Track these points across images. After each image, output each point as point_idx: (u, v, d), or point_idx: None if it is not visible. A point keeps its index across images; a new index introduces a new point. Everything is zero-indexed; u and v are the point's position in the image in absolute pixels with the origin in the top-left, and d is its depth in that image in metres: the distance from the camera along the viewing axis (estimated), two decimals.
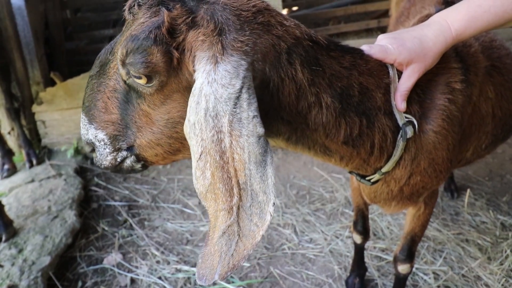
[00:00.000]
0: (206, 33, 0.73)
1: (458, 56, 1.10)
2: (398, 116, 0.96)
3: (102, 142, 0.89)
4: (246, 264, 2.09)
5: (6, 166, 2.79)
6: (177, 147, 0.87)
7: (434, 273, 1.96)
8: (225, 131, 0.72)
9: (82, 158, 3.11)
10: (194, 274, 2.01)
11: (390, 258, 2.05)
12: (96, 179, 2.86)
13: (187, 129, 0.75)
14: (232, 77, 0.72)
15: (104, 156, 0.91)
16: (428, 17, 1.20)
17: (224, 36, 0.73)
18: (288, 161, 3.04)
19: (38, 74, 3.06)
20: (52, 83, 3.12)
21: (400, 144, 0.99)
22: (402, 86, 0.95)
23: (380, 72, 0.95)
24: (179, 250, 2.22)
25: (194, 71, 0.75)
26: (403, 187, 1.13)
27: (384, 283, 1.93)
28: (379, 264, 2.04)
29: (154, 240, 2.29)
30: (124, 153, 0.90)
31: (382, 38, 0.98)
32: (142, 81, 0.77)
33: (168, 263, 2.11)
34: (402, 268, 1.53)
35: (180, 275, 2.01)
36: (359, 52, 0.95)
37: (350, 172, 1.15)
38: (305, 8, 5.11)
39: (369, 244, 2.14)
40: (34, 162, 2.88)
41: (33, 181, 2.67)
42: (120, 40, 0.80)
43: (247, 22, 0.75)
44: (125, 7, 0.82)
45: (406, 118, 0.98)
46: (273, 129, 0.89)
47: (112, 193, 2.74)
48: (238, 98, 0.72)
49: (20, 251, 1.98)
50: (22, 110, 3.06)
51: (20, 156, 2.98)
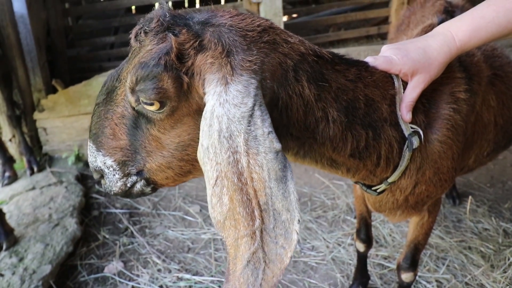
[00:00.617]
0: (215, 55, 0.73)
1: (461, 65, 1.11)
2: (404, 126, 0.96)
3: (111, 169, 0.89)
4: None
5: (7, 174, 2.78)
6: (188, 169, 0.86)
7: (437, 281, 1.95)
8: (241, 151, 0.70)
9: (83, 165, 3.11)
10: (196, 283, 2.00)
11: (393, 266, 2.04)
12: (97, 187, 2.86)
13: (201, 154, 0.73)
14: (243, 96, 0.71)
15: (113, 182, 0.90)
16: (431, 27, 1.21)
17: (232, 57, 0.74)
18: None
19: (40, 81, 3.07)
20: (53, 90, 3.13)
21: (406, 154, 0.99)
22: (408, 97, 0.95)
23: (385, 83, 0.96)
24: (181, 258, 2.20)
25: (204, 94, 0.75)
26: (408, 197, 1.13)
27: None
28: (382, 272, 2.03)
29: (155, 248, 2.28)
30: (133, 178, 0.90)
31: (386, 49, 0.98)
32: (153, 107, 0.77)
33: (169, 272, 2.10)
34: (406, 276, 1.53)
35: (181, 284, 1.99)
36: (364, 64, 0.95)
37: (356, 182, 1.15)
38: (305, 15, 5.15)
39: (371, 251, 2.13)
40: (35, 169, 2.87)
41: (34, 188, 2.67)
42: (127, 67, 0.81)
43: (254, 42, 0.76)
44: (131, 35, 0.81)
45: (412, 128, 0.98)
46: (282, 145, 0.90)
47: (113, 200, 2.73)
48: (251, 116, 0.71)
49: (20, 260, 1.97)
50: (23, 117, 3.06)
51: (21, 163, 2.97)
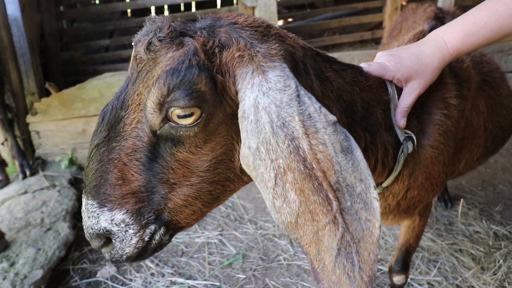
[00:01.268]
0: (241, 48, 0.70)
1: (452, 71, 1.13)
2: (398, 132, 0.97)
3: (123, 224, 0.74)
4: (242, 275, 2.08)
5: None
6: (217, 194, 0.79)
7: (428, 283, 1.97)
8: (298, 136, 0.66)
9: (77, 169, 3.09)
10: (189, 287, 1.99)
11: (385, 269, 2.05)
12: None
13: (250, 158, 0.68)
14: (285, 79, 0.68)
15: (127, 241, 0.75)
16: (422, 33, 1.23)
17: (258, 47, 0.71)
18: None
19: (33, 85, 3.05)
20: (47, 94, 3.12)
21: (401, 159, 0.99)
22: (403, 103, 0.96)
23: (379, 89, 0.97)
24: (174, 262, 2.20)
25: (237, 92, 0.70)
26: (401, 201, 1.14)
27: None
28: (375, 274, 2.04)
29: None
30: (152, 227, 0.76)
31: (380, 56, 0.99)
32: (191, 119, 0.69)
33: (162, 276, 2.09)
34: (397, 279, 1.54)
35: None
36: (358, 68, 0.96)
37: None
38: (300, 19, 5.19)
39: None
40: (28, 173, 2.85)
41: (26, 192, 2.64)
42: (139, 87, 0.72)
43: (266, 35, 0.74)
44: (138, 48, 0.72)
45: (406, 133, 0.99)
46: None
47: None
48: (298, 96, 0.68)
49: (12, 265, 1.95)
50: (16, 121, 3.04)
51: (13, 167, 2.95)
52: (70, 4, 4.45)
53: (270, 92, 0.67)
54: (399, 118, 0.96)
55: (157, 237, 0.77)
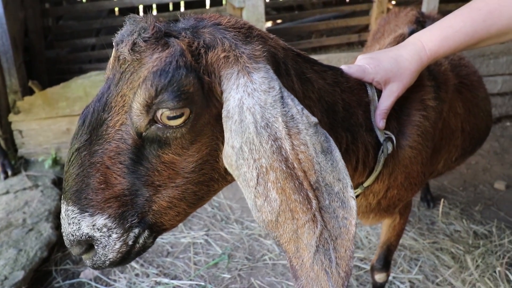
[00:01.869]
0: (226, 49, 0.70)
1: (431, 74, 1.16)
2: (378, 132, 0.99)
3: (105, 229, 0.72)
4: (227, 275, 2.08)
5: None
6: (202, 194, 0.79)
7: (410, 281, 2.01)
8: (281, 136, 0.68)
9: (60, 169, 3.04)
10: (175, 287, 1.99)
11: (368, 267, 2.09)
12: None
13: (233, 158, 0.69)
14: (269, 80, 0.70)
15: (110, 246, 0.73)
16: (402, 36, 1.26)
17: (242, 48, 0.72)
18: None
19: (16, 83, 2.99)
20: (30, 92, 3.06)
21: (381, 159, 1.02)
22: (382, 105, 0.99)
23: (359, 91, 0.99)
24: (159, 263, 2.19)
25: (222, 93, 0.71)
26: (381, 200, 1.17)
27: None
28: (358, 273, 2.08)
29: None
30: (136, 230, 0.75)
31: (360, 59, 1.02)
32: (181, 119, 0.68)
33: (147, 276, 2.08)
34: (379, 277, 1.57)
35: None
36: (339, 69, 0.98)
37: None
38: (288, 21, 5.22)
39: None
40: (9, 173, 2.79)
41: (8, 192, 2.59)
42: (124, 88, 0.70)
43: (249, 36, 0.75)
44: (122, 48, 0.71)
45: (385, 134, 1.01)
46: None
47: None
48: (282, 98, 0.69)
49: None
50: None
51: None
52: (56, 1, 4.38)
53: (255, 93, 0.68)
54: (379, 120, 0.99)
55: (141, 240, 0.76)
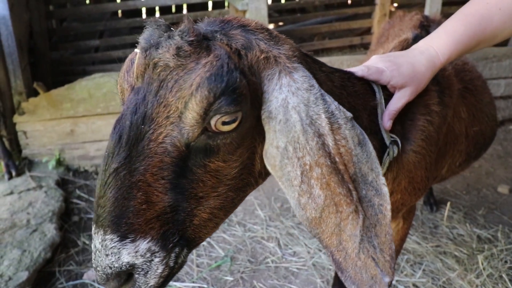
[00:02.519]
0: (263, 50, 0.70)
1: (435, 79, 1.16)
2: (385, 135, 0.99)
3: (148, 254, 0.65)
4: (230, 278, 2.09)
5: None
6: (237, 201, 0.77)
7: (414, 285, 2.01)
8: (324, 132, 0.69)
9: (64, 169, 3.06)
10: None
11: None
12: (78, 192, 2.81)
13: (277, 158, 0.68)
14: (309, 79, 0.70)
15: (152, 272, 0.66)
16: (406, 41, 1.26)
17: (277, 49, 0.72)
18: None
19: (21, 84, 3.01)
20: (35, 93, 3.08)
21: (386, 162, 1.02)
22: (392, 107, 0.99)
23: (365, 95, 0.99)
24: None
25: (262, 94, 0.70)
26: None
27: None
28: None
29: None
30: (176, 250, 0.69)
31: (378, 60, 1.01)
32: (234, 124, 0.66)
33: None
34: None
35: None
36: (346, 73, 0.98)
37: None
38: (291, 23, 5.24)
39: None
40: (14, 173, 2.81)
41: (12, 193, 2.60)
42: (163, 99, 0.64)
43: (273, 38, 0.75)
44: (161, 54, 0.65)
45: (391, 137, 1.01)
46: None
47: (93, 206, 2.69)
48: (322, 95, 0.70)
49: None
50: (2, 120, 2.99)
51: None
52: (60, 3, 4.41)
53: (299, 92, 0.69)
54: (386, 120, 0.99)
55: (180, 260, 0.71)
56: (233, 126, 0.66)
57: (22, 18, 3.29)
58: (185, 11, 5.60)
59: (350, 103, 0.94)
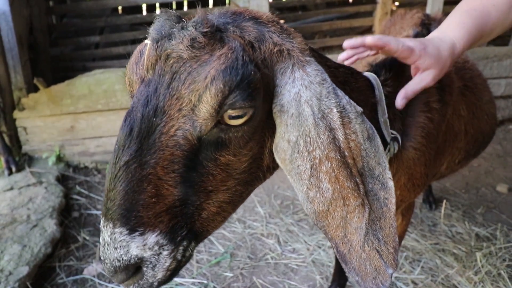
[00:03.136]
0: (277, 43, 0.69)
1: None
2: (385, 132, 0.99)
3: (156, 247, 0.65)
4: (229, 274, 2.10)
5: None
6: (245, 195, 0.78)
7: (413, 282, 2.02)
8: (335, 126, 0.69)
9: (64, 166, 3.06)
10: (177, 285, 2.00)
11: None
12: (78, 188, 2.82)
13: (288, 152, 0.68)
14: (321, 73, 0.70)
15: (160, 265, 0.66)
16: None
17: (290, 42, 0.71)
18: None
19: (21, 80, 3.01)
20: (35, 89, 3.08)
21: (387, 158, 1.02)
22: (411, 87, 0.97)
23: (367, 91, 1.00)
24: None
25: (274, 87, 0.70)
26: None
27: None
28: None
29: None
30: (184, 243, 0.69)
31: (407, 40, 0.98)
32: (245, 118, 0.65)
33: None
34: None
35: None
36: (349, 69, 0.98)
37: None
38: (292, 21, 5.23)
39: None
40: (14, 169, 2.81)
41: (12, 188, 2.61)
42: (176, 91, 0.63)
43: (285, 31, 0.74)
44: (174, 45, 0.63)
45: (392, 134, 1.01)
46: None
47: (94, 201, 2.70)
48: (334, 89, 0.70)
49: None
50: (2, 116, 2.99)
51: None
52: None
53: (312, 86, 0.68)
54: (401, 98, 0.96)
55: (187, 253, 0.71)
56: (245, 119, 0.65)
57: (22, 14, 3.29)
58: (185, 8, 5.59)
59: (353, 99, 0.93)
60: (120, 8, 5.40)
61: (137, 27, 4.54)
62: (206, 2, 6.05)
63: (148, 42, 0.68)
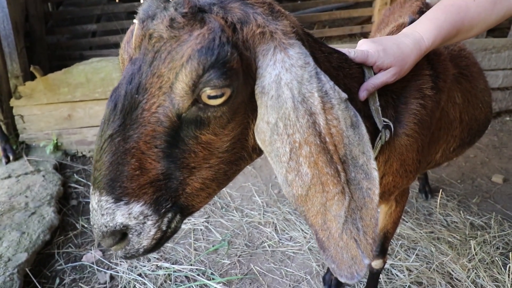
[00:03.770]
0: (260, 25, 0.69)
1: (429, 63, 1.17)
2: (377, 120, 1.00)
3: (141, 216, 0.69)
4: (227, 261, 2.12)
5: None
6: (230, 174, 0.79)
7: (408, 269, 2.05)
8: (316, 111, 0.69)
9: (62, 154, 3.07)
10: (175, 271, 2.03)
11: None
12: (76, 176, 2.83)
13: (267, 134, 0.69)
14: (304, 56, 0.70)
15: (145, 233, 0.70)
16: (403, 26, 1.27)
17: (275, 24, 0.70)
18: None
19: (17, 68, 2.99)
20: (32, 77, 3.06)
21: (378, 145, 1.03)
22: (371, 80, 0.99)
23: (360, 78, 1.00)
24: (160, 248, 2.22)
25: (256, 69, 0.70)
26: None
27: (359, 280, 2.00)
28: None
29: None
30: (169, 215, 0.73)
31: (362, 43, 1.03)
32: (222, 98, 0.66)
33: (148, 260, 2.11)
34: (375, 263, 1.60)
35: (160, 272, 2.02)
36: (344, 54, 0.99)
37: None
38: (291, 11, 5.17)
39: None
40: (11, 157, 2.82)
41: (9, 177, 2.61)
42: (156, 69, 0.66)
43: (274, 12, 0.74)
44: (156, 25, 0.66)
45: (384, 122, 1.02)
46: None
47: None
48: (317, 73, 0.70)
49: None
50: None
51: None
52: None
53: (293, 68, 0.68)
54: (362, 91, 0.98)
55: (173, 224, 0.74)
56: (222, 100, 0.67)
57: (18, 1, 3.25)
58: None
59: (346, 85, 0.94)
60: None
61: (134, 16, 4.48)
62: None
63: (135, 21, 0.71)
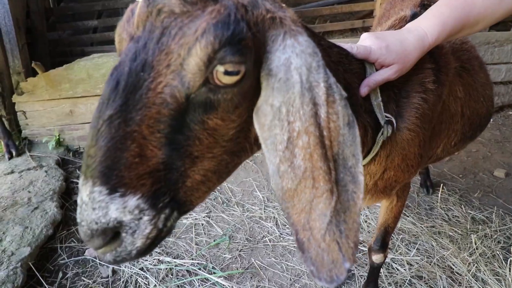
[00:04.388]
0: (270, 10, 0.68)
1: (432, 57, 1.16)
2: (379, 115, 0.99)
3: (137, 211, 0.61)
4: (228, 255, 2.13)
5: None
6: (231, 167, 0.76)
7: (408, 263, 2.06)
8: (319, 102, 0.67)
9: (64, 150, 3.08)
10: (176, 266, 2.04)
11: (367, 250, 2.13)
12: (78, 171, 2.84)
13: (268, 117, 0.67)
14: (313, 46, 0.69)
15: (140, 231, 0.63)
16: (404, 19, 1.26)
17: (283, 12, 0.70)
18: None
19: (19, 64, 2.99)
20: (33, 74, 3.07)
21: (380, 141, 1.02)
22: (373, 77, 0.99)
23: (360, 74, 0.99)
24: (162, 242, 2.23)
25: (264, 54, 0.69)
26: (378, 181, 1.19)
27: (360, 274, 2.01)
28: (357, 255, 2.12)
29: None
30: (166, 211, 0.65)
31: (365, 38, 1.01)
32: (237, 77, 0.64)
33: (150, 255, 2.13)
34: (376, 257, 1.61)
35: (162, 266, 2.03)
36: (344, 49, 0.98)
37: None
38: (292, 6, 5.16)
39: None
40: (14, 153, 2.83)
41: (12, 172, 2.63)
42: (165, 46, 0.62)
43: (276, 3, 0.73)
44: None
45: (386, 117, 1.01)
46: None
47: None
48: (324, 65, 0.69)
49: None
50: (1, 100, 2.99)
51: None
52: None
53: (303, 55, 0.67)
54: (363, 87, 0.97)
55: (169, 223, 0.67)
56: (236, 79, 0.63)
57: None
58: None
59: (346, 80, 0.94)
60: None
61: None
62: None
63: (140, 0, 0.66)
